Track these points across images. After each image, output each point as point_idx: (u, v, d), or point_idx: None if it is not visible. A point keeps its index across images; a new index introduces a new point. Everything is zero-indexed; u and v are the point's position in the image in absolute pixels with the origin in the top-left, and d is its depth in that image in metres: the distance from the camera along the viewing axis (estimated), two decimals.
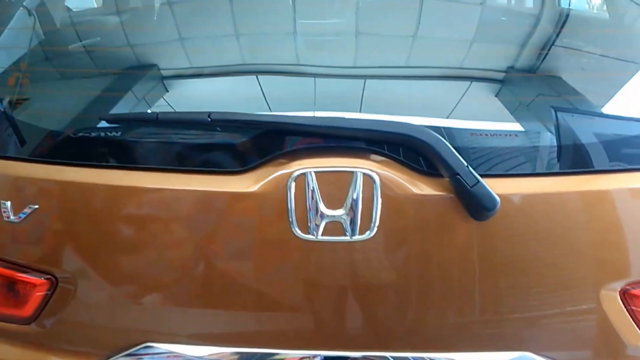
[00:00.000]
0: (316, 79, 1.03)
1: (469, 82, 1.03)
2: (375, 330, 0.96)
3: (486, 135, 0.96)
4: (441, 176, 0.89)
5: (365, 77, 1.03)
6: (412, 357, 0.97)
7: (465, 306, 0.95)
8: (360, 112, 0.97)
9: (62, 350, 1.01)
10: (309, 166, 0.89)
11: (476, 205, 0.86)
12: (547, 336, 0.95)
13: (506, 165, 0.93)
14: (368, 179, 0.88)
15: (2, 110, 1.00)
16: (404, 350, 0.97)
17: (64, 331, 0.99)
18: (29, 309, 0.99)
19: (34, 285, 0.97)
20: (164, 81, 1.04)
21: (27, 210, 0.94)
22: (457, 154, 0.84)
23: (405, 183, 0.89)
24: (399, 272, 0.93)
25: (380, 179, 0.88)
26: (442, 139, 0.85)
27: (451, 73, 1.06)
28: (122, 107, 1.00)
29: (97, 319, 0.98)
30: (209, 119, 0.89)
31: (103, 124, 0.95)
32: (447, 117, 0.96)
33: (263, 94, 0.99)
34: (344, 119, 0.90)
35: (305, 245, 0.90)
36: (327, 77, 1.03)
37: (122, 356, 0.98)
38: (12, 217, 0.94)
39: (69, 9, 1.25)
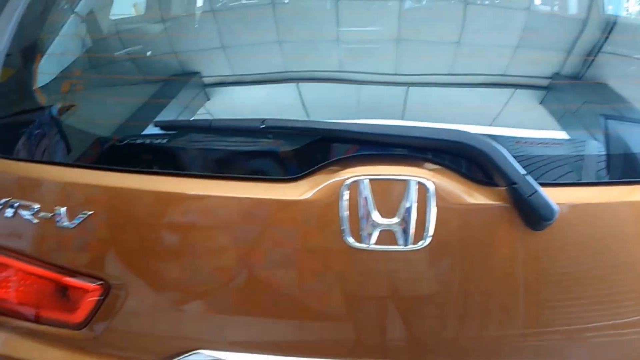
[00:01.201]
0: (358, 86, 1.02)
1: (514, 89, 1.02)
2: (424, 341, 0.95)
3: (532, 143, 0.94)
4: (497, 185, 0.87)
5: (408, 84, 1.02)
6: None
7: (518, 318, 0.93)
8: (402, 119, 0.96)
9: (112, 356, 1.01)
10: (362, 174, 0.88)
11: (534, 215, 0.85)
12: (595, 350, 0.93)
13: (553, 174, 0.92)
14: (422, 187, 0.87)
15: (56, 116, 1.01)
16: None
17: (115, 337, 1.00)
18: (80, 315, 1.00)
19: (87, 291, 0.98)
20: (207, 89, 1.04)
21: (81, 216, 0.94)
22: (515, 163, 0.83)
23: (460, 192, 0.88)
24: (451, 282, 0.92)
25: (435, 188, 0.87)
26: (500, 147, 0.84)
27: (495, 80, 1.04)
28: (168, 114, 1.00)
29: (148, 325, 0.99)
30: (263, 126, 0.89)
31: (156, 130, 0.95)
32: (491, 125, 0.95)
33: (303, 102, 0.99)
34: (398, 126, 0.89)
35: (356, 254, 0.90)
36: (368, 85, 1.03)
37: None
38: (66, 223, 0.95)
39: (114, 17, 1.26)
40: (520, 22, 1.15)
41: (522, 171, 0.83)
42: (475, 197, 0.88)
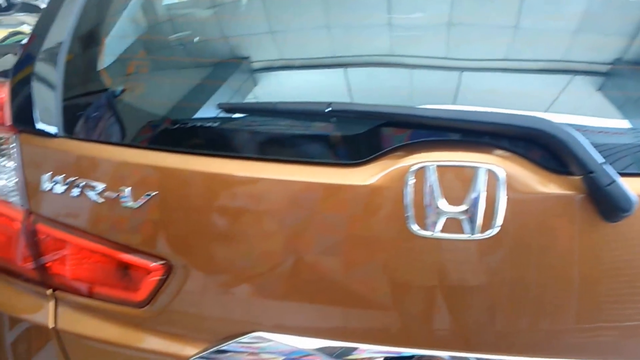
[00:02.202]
0: (411, 70, 1.00)
1: (572, 75, 0.97)
2: (486, 332, 0.92)
3: (592, 131, 0.89)
4: (572, 174, 0.83)
5: (464, 69, 0.98)
6: None
7: (584, 310, 0.90)
8: (459, 105, 0.93)
9: (173, 335, 1.02)
10: (430, 159, 0.86)
11: (610, 206, 0.81)
12: None
13: (617, 165, 0.87)
14: (492, 175, 0.84)
15: (122, 98, 1.02)
16: (516, 354, 0.93)
17: (174, 316, 1.01)
18: (142, 293, 1.01)
19: (149, 270, 0.99)
20: (265, 72, 1.03)
21: (146, 197, 0.95)
22: (593, 151, 0.79)
23: (531, 180, 0.85)
24: (518, 272, 0.89)
25: (506, 176, 0.84)
26: (577, 133, 0.80)
27: (553, 66, 1.00)
28: (231, 97, 1.00)
29: (207, 306, 0.99)
30: (329, 109, 0.87)
31: (221, 112, 0.95)
32: (547, 111, 0.90)
33: (355, 86, 0.97)
34: (468, 111, 0.86)
35: (420, 242, 0.88)
36: (423, 69, 0.99)
37: (230, 343, 0.98)
38: (130, 203, 0.96)
39: (169, 1, 1.26)
40: (581, 5, 1.09)
41: (601, 159, 0.79)
42: (547, 186, 0.85)
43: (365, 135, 0.90)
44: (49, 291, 1.07)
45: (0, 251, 1.09)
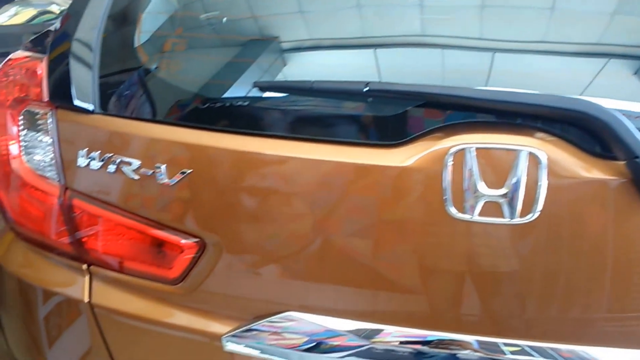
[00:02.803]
0: (447, 51, 0.98)
1: (608, 59, 0.94)
2: (519, 316, 0.91)
3: (634, 116, 0.87)
4: (616, 159, 0.82)
5: (494, 50, 0.96)
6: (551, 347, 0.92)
7: (618, 298, 0.88)
8: (492, 86, 0.91)
9: (205, 312, 1.03)
10: (469, 142, 0.84)
11: None
12: None
13: None
14: (533, 158, 0.83)
15: (158, 75, 1.02)
16: (542, 340, 0.93)
17: (207, 294, 1.01)
18: (176, 270, 1.02)
19: (183, 248, 1.00)
20: (295, 51, 1.02)
21: (181, 174, 0.95)
22: None
23: (574, 164, 0.83)
24: (556, 258, 0.87)
25: (547, 159, 0.83)
26: (623, 117, 0.78)
27: (589, 49, 0.97)
28: (268, 75, 0.99)
29: (241, 284, 0.99)
30: (366, 89, 0.86)
31: (257, 91, 0.94)
32: (581, 95, 0.88)
33: (387, 66, 0.95)
34: (510, 92, 0.84)
35: (458, 225, 0.87)
36: (452, 49, 0.97)
37: (263, 322, 0.99)
38: (166, 180, 0.97)
39: None
40: None
41: None
42: (590, 170, 0.83)
43: (403, 115, 0.89)
44: (84, 266, 1.08)
45: (36, 226, 1.10)
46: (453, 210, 0.86)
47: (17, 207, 1.10)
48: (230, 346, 1.00)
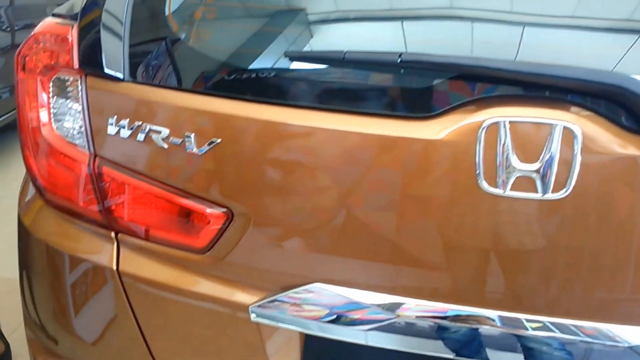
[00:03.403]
0: (472, 23, 0.96)
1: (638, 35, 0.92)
2: (544, 293, 0.91)
3: None
4: None
5: (526, 23, 0.94)
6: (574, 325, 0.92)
7: None
8: (525, 59, 0.89)
9: (232, 282, 1.04)
10: (503, 115, 0.83)
11: None
12: None
13: None
14: (568, 133, 0.82)
15: (188, 43, 1.02)
16: (566, 317, 0.92)
17: (235, 264, 1.02)
18: (203, 240, 1.02)
19: (211, 218, 1.00)
20: (325, 22, 1.01)
21: (209, 144, 0.95)
22: None
23: (610, 141, 0.82)
24: (587, 235, 0.87)
25: (583, 134, 0.81)
26: None
27: (624, 24, 0.95)
28: (297, 46, 0.98)
29: (267, 255, 1.00)
30: (400, 60, 0.85)
31: (288, 61, 0.93)
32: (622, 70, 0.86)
33: (410, 38, 0.94)
34: (546, 65, 0.83)
35: (489, 200, 0.86)
36: (480, 22, 0.95)
37: (289, 293, 0.99)
38: (195, 149, 0.97)
39: None
40: None
41: None
42: (626, 146, 0.82)
43: (436, 87, 0.88)
44: (112, 234, 1.09)
45: (64, 193, 1.11)
46: (485, 185, 0.85)
47: (47, 174, 1.11)
48: (257, 316, 1.01)
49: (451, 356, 0.96)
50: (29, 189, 1.24)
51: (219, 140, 0.95)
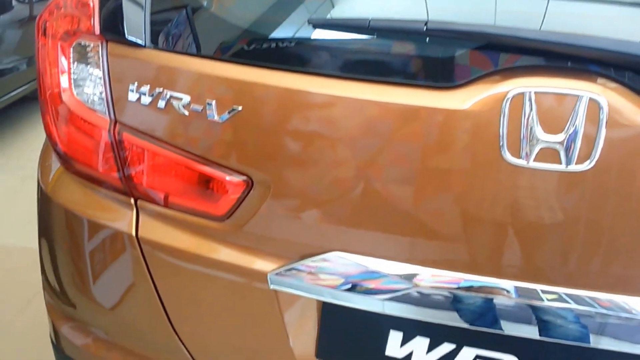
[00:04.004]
0: None
1: None
2: (563, 264, 0.91)
3: None
4: None
5: None
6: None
7: None
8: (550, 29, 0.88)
9: (252, 249, 1.04)
10: (529, 85, 0.83)
11: None
12: None
13: None
14: (594, 104, 0.81)
15: (210, 9, 1.01)
16: (583, 289, 0.92)
17: (254, 232, 1.03)
18: (223, 207, 1.03)
19: (230, 186, 1.00)
20: None
21: (230, 111, 0.95)
22: None
23: (636, 113, 0.81)
24: (608, 208, 0.86)
25: (609, 106, 0.81)
26: None
27: None
28: (322, 12, 0.97)
29: (287, 224, 1.00)
30: (425, 28, 0.84)
31: (310, 29, 0.93)
32: None
33: (433, 6, 0.93)
34: (572, 35, 0.82)
35: (512, 170, 0.86)
36: None
37: (308, 261, 1.00)
38: (215, 117, 0.97)
39: None
40: None
41: None
42: None
43: (461, 57, 0.87)
44: (131, 200, 1.10)
45: (84, 159, 1.11)
46: (508, 156, 0.85)
47: (67, 140, 1.12)
48: (275, 284, 1.01)
49: (466, 326, 0.96)
50: (50, 157, 1.25)
51: (239, 108, 0.95)
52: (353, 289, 0.99)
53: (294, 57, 0.94)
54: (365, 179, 0.93)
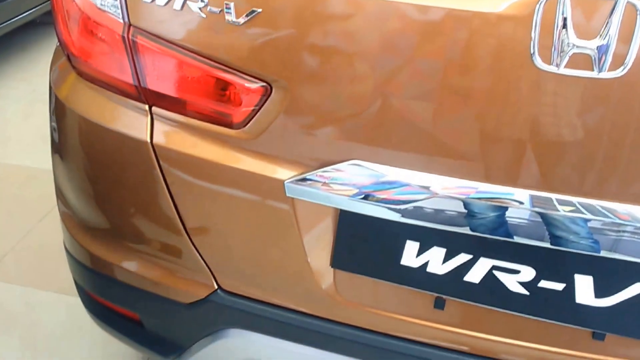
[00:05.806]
0: None
1: None
2: (585, 173, 0.91)
3: None
4: None
5: None
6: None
7: None
8: None
9: (269, 157, 1.03)
10: None
11: None
12: None
13: None
14: (631, 9, 0.78)
15: None
16: (605, 199, 0.92)
17: (272, 141, 1.01)
18: (240, 114, 1.01)
19: (249, 91, 0.98)
20: None
21: (250, 13, 0.92)
22: None
23: None
24: (637, 117, 0.84)
25: None
26: None
27: None
28: None
29: (306, 132, 0.99)
30: None
31: None
32: None
33: None
34: None
35: (542, 76, 0.83)
36: None
37: (327, 169, 0.99)
38: (234, 19, 0.93)
39: None
40: None
41: None
42: None
43: None
44: (146, 106, 1.08)
45: (98, 64, 1.09)
46: (539, 61, 0.82)
47: (80, 44, 1.09)
48: (292, 191, 1.01)
49: (483, 235, 0.97)
50: (63, 64, 1.22)
51: (259, 10, 0.91)
52: (369, 196, 0.98)
53: None
54: (390, 84, 0.90)
